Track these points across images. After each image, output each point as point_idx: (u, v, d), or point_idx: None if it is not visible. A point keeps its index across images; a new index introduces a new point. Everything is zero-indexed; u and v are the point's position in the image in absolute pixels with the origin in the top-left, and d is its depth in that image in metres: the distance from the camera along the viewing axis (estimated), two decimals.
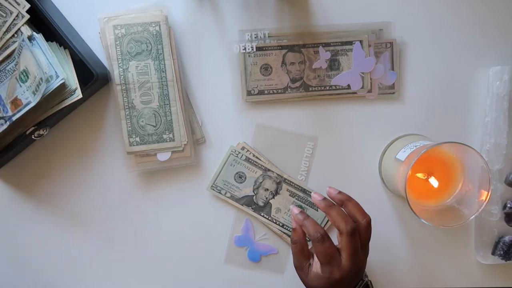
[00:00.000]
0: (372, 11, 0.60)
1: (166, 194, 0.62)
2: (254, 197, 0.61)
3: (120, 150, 0.60)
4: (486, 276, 0.63)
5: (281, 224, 0.61)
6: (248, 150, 0.60)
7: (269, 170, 0.60)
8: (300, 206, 0.61)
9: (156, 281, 0.63)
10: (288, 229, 0.62)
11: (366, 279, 0.54)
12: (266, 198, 0.61)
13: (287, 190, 0.61)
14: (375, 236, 0.62)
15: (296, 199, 0.61)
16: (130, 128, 0.59)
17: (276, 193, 0.61)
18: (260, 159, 0.60)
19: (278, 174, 0.61)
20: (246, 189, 0.61)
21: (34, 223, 0.62)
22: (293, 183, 0.61)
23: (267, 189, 0.61)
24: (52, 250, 0.63)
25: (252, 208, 0.61)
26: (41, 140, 0.59)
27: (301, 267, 0.54)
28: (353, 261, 0.51)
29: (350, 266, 0.51)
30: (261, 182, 0.61)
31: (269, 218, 0.61)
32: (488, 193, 0.52)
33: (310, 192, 0.61)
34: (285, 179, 0.61)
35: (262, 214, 0.61)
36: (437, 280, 0.63)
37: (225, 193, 0.61)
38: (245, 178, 0.60)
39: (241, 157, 0.60)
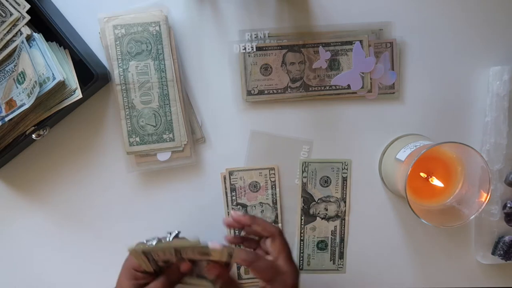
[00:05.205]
0: (372, 11, 0.60)
1: (166, 194, 0.62)
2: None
3: (120, 150, 0.60)
4: (486, 276, 0.63)
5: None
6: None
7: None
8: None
9: None
10: None
11: None
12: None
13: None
14: (376, 236, 0.63)
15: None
16: (130, 128, 0.59)
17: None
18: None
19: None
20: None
21: (34, 223, 0.62)
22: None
23: None
24: (52, 249, 0.63)
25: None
26: (41, 140, 0.59)
27: None
28: (292, 261, 0.50)
29: (294, 267, 0.50)
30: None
31: None
32: (488, 193, 0.52)
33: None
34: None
35: None
36: (437, 280, 0.63)
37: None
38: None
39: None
